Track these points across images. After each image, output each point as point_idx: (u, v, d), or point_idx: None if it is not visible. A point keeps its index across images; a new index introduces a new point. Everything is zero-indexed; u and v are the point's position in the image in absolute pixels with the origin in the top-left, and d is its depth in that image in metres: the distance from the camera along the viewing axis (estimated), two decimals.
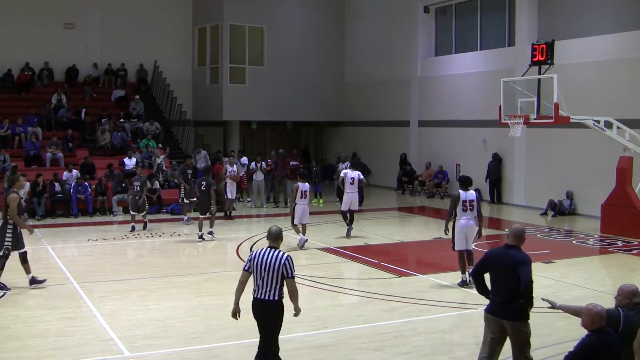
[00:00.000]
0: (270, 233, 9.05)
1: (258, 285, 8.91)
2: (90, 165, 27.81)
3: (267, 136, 41.99)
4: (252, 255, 9.00)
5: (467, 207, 15.12)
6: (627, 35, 25.14)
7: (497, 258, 9.12)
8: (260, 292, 8.91)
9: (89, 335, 11.46)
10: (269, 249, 8.95)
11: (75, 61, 35.03)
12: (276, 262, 8.78)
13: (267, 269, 8.79)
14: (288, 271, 8.81)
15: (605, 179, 23.39)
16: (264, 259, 8.84)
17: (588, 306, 7.84)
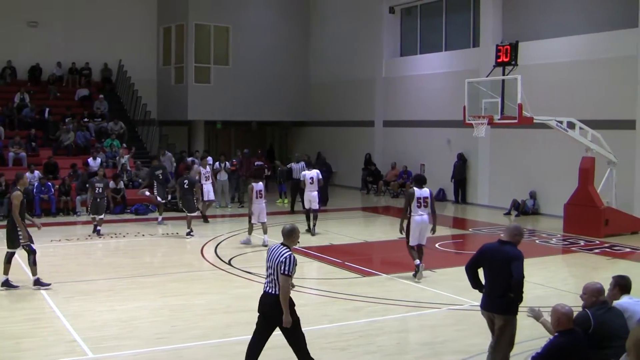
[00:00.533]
0: (283, 230, 9.20)
1: (266, 278, 9.11)
2: (54, 165, 27.58)
3: (232, 136, 41.92)
4: (267, 250, 9.27)
5: (422, 204, 15.59)
6: (589, 37, 25.41)
7: (491, 253, 9.25)
8: (267, 285, 9.07)
9: (53, 337, 11.37)
10: (279, 245, 9.11)
11: (39, 60, 34.71)
12: (278, 258, 8.90)
13: (271, 264, 8.97)
14: (283, 268, 8.82)
15: (568, 179, 23.61)
16: (272, 254, 9.04)
17: (556, 306, 7.88)
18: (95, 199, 21.93)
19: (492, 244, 9.35)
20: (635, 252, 19.94)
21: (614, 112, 24.22)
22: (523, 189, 27.06)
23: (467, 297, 14.05)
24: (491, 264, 9.18)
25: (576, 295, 13.43)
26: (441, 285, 15.28)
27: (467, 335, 11.61)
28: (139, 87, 35.04)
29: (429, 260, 18.19)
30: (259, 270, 16.51)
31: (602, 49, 24.86)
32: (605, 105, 24.52)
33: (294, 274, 8.87)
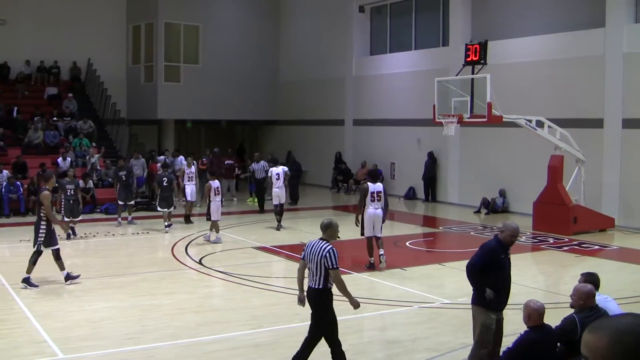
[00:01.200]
0: (321, 225, 9.47)
1: (309, 273, 9.31)
2: (23, 165, 27.36)
3: (202, 135, 41.80)
4: (306, 245, 9.43)
5: (375, 198, 16.53)
6: (557, 37, 25.61)
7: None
8: (310, 280, 9.28)
9: (22, 338, 11.30)
10: (318, 239, 9.31)
11: (7, 58, 34.38)
12: (320, 253, 9.09)
13: (313, 259, 9.15)
14: (329, 262, 9.06)
15: (537, 177, 23.78)
16: (312, 249, 9.22)
17: (528, 302, 7.97)
18: (68, 200, 20.95)
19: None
20: (604, 249, 20.14)
21: (582, 111, 24.44)
22: (492, 187, 27.22)
23: (438, 295, 14.14)
24: None
25: (545, 293, 13.59)
26: (412, 283, 15.35)
27: (438, 333, 11.67)
28: (109, 85, 34.82)
29: (400, 259, 18.30)
30: (230, 270, 16.51)
31: (570, 49, 25.06)
32: (573, 104, 24.73)
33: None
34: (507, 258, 9.26)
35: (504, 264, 9.18)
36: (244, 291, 14.65)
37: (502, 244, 9.17)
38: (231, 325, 12.09)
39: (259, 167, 26.78)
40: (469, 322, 12.33)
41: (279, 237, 21.38)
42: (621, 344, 2.71)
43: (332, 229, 9.40)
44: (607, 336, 2.76)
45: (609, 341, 2.74)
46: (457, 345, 10.96)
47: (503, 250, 9.18)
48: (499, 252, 9.17)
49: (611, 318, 2.87)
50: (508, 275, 9.29)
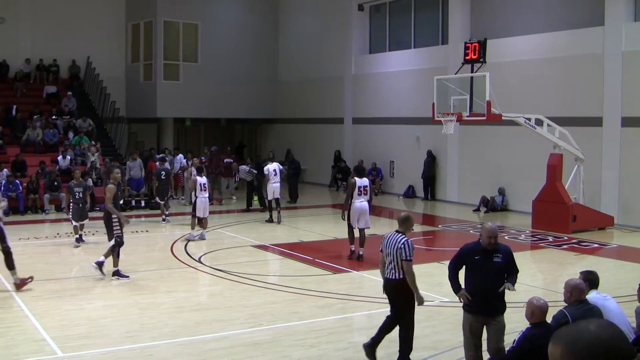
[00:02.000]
0: (398, 218, 10.01)
1: (387, 265, 9.81)
2: (22, 163, 27.36)
3: (201, 133, 41.78)
4: (383, 238, 9.98)
5: (362, 192, 17.33)
6: (557, 35, 25.60)
7: None
8: (388, 272, 9.80)
9: (21, 336, 11.29)
10: (394, 232, 9.84)
11: (6, 56, 34.39)
12: (396, 245, 9.60)
13: (390, 251, 9.66)
14: (404, 254, 9.54)
15: (536, 176, 23.78)
16: (389, 242, 9.75)
17: (531, 299, 7.99)
18: (77, 204, 20.03)
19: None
20: (603, 247, 20.14)
21: (581, 109, 24.44)
22: (492, 186, 27.22)
23: (437, 294, 14.13)
24: None
25: (545, 291, 13.60)
26: None
27: (437, 332, 11.66)
28: (108, 84, 34.81)
29: None
30: (229, 268, 16.51)
31: (569, 47, 25.05)
32: (572, 103, 24.73)
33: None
34: (490, 261, 8.90)
35: (478, 267, 8.95)
36: (243, 289, 14.64)
37: (482, 246, 8.98)
38: (230, 323, 12.08)
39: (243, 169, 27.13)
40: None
41: (278, 235, 21.38)
42: (573, 353, 2.82)
43: (409, 222, 9.93)
44: (561, 345, 2.87)
45: (562, 351, 2.85)
46: (455, 343, 10.94)
47: (482, 253, 8.95)
48: (473, 253, 9.02)
49: (571, 326, 2.95)
50: (486, 279, 8.91)
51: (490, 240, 8.92)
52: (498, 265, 8.94)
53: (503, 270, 8.97)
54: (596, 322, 2.92)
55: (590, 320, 2.97)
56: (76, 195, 20.10)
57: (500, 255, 8.96)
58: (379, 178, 32.66)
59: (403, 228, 9.85)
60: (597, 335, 2.84)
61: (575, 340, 2.85)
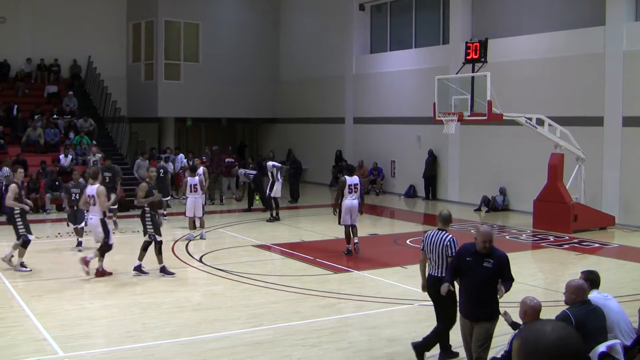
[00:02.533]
0: (440, 216, 10.33)
1: (430, 263, 10.07)
2: (23, 163, 27.32)
3: (202, 133, 41.77)
4: (424, 237, 10.21)
5: (352, 190, 17.80)
6: (557, 35, 25.60)
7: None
8: (432, 269, 10.02)
9: (22, 336, 11.28)
10: (437, 230, 10.10)
11: (7, 56, 34.39)
12: (441, 243, 9.86)
13: (434, 249, 9.90)
14: (450, 251, 9.79)
15: (537, 175, 23.78)
16: (432, 240, 9.98)
17: (524, 299, 7.99)
18: (73, 207, 19.17)
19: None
20: (604, 247, 20.14)
21: (582, 109, 24.45)
22: (493, 185, 27.22)
23: None
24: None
25: (545, 291, 13.59)
26: (412, 281, 15.31)
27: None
28: (109, 83, 34.79)
29: (401, 257, 18.32)
30: (230, 267, 16.51)
31: (570, 47, 25.05)
32: (573, 102, 24.73)
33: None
34: (479, 265, 8.78)
35: (467, 268, 8.89)
36: (244, 289, 14.64)
37: (476, 249, 8.90)
38: (231, 323, 12.09)
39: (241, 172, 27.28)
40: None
41: (279, 234, 21.38)
42: (523, 349, 3.07)
43: (450, 220, 10.38)
44: (519, 341, 3.11)
45: (518, 346, 3.09)
46: (456, 343, 10.94)
47: (474, 255, 8.86)
48: (466, 254, 8.98)
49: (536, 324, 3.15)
50: (472, 283, 8.87)
51: (485, 244, 8.81)
52: (486, 271, 8.77)
53: (492, 276, 8.78)
54: (553, 324, 3.11)
55: (549, 322, 3.17)
56: (73, 197, 19.27)
57: (491, 261, 8.79)
58: (380, 178, 32.67)
59: (446, 226, 10.18)
60: (546, 336, 3.04)
61: (527, 338, 3.08)
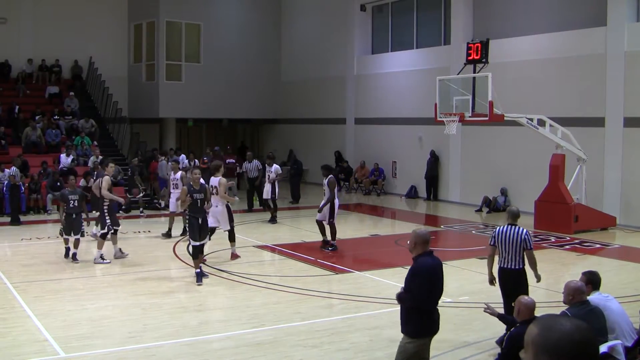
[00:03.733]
0: (511, 212, 11.01)
1: (503, 257, 10.73)
2: (24, 163, 27.37)
3: (203, 133, 41.77)
4: (496, 232, 10.86)
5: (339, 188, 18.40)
6: (559, 35, 25.59)
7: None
8: (505, 263, 10.73)
9: (23, 336, 11.29)
10: (509, 226, 10.77)
11: (8, 57, 34.39)
12: (517, 237, 10.64)
13: (510, 243, 10.60)
14: (527, 244, 10.72)
15: (539, 176, 23.79)
16: (507, 235, 10.67)
17: (518, 298, 8.03)
18: (70, 214, 17.50)
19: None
20: (605, 248, 20.13)
21: (583, 110, 24.44)
22: (494, 186, 27.22)
23: None
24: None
25: (546, 291, 13.58)
26: None
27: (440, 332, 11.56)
28: (110, 84, 34.80)
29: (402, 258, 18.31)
30: (231, 268, 16.51)
31: (571, 47, 25.05)
32: (575, 103, 24.73)
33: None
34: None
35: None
36: (246, 290, 14.65)
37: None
38: (232, 323, 12.09)
39: (252, 166, 26.85)
40: (470, 320, 12.38)
41: (280, 235, 21.37)
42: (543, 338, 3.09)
43: (519, 216, 11.06)
44: (538, 328, 3.14)
45: (537, 333, 3.12)
46: (458, 344, 10.96)
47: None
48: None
49: (554, 316, 3.24)
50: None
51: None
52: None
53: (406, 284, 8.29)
54: (575, 322, 3.11)
55: (570, 318, 3.17)
56: (71, 204, 17.52)
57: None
58: (381, 178, 32.67)
59: (516, 221, 10.85)
60: (570, 332, 3.05)
61: (550, 327, 3.10)
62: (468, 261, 17.71)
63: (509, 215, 11.01)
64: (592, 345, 3.06)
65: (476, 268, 16.60)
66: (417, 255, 8.19)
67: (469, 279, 15.79)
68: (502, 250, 10.71)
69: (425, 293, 8.02)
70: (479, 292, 14.39)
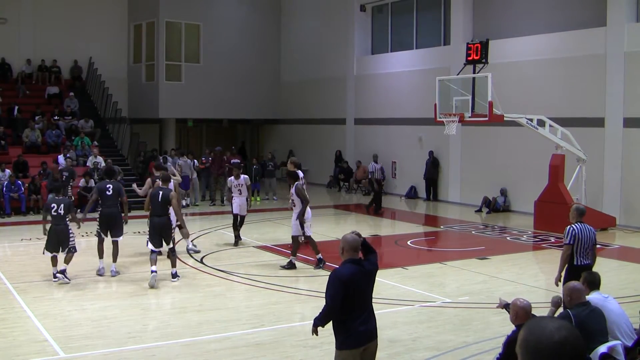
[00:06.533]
0: (580, 210, 11.62)
1: (579, 254, 11.13)
2: (24, 164, 27.38)
3: (203, 134, 41.77)
4: (573, 232, 11.27)
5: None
6: (559, 36, 25.60)
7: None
8: (579, 260, 11.11)
9: (23, 337, 11.29)
10: (581, 224, 11.36)
11: (8, 57, 34.41)
12: (591, 234, 11.25)
13: (587, 240, 11.15)
14: (595, 240, 11.35)
15: (538, 176, 23.79)
16: (583, 233, 11.19)
17: (514, 301, 7.98)
18: (55, 226, 15.24)
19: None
20: (605, 248, 20.11)
21: (583, 110, 24.44)
22: (494, 186, 27.22)
23: (439, 294, 14.14)
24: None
25: (546, 292, 13.58)
26: (413, 282, 15.35)
27: (440, 332, 11.67)
28: (110, 84, 34.81)
29: (402, 258, 18.33)
30: (231, 269, 16.51)
31: (571, 48, 25.05)
32: (574, 103, 24.73)
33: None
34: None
35: None
36: (245, 290, 14.66)
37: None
38: (232, 324, 12.09)
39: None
40: (470, 321, 12.39)
41: (280, 236, 21.35)
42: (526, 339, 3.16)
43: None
44: (524, 330, 3.21)
45: (522, 337, 3.19)
46: (458, 344, 10.96)
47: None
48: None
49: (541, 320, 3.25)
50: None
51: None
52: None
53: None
54: (558, 323, 3.18)
55: (555, 319, 3.25)
56: (52, 211, 15.27)
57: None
58: (381, 179, 32.66)
59: (582, 218, 11.38)
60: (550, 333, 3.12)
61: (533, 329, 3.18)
62: (468, 261, 17.72)
63: (578, 213, 11.51)
64: (573, 345, 3.11)
65: (476, 268, 16.61)
66: (343, 262, 7.69)
67: (469, 280, 15.79)
68: (579, 247, 11.13)
69: (337, 302, 7.45)
70: (478, 293, 14.41)
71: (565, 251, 11.25)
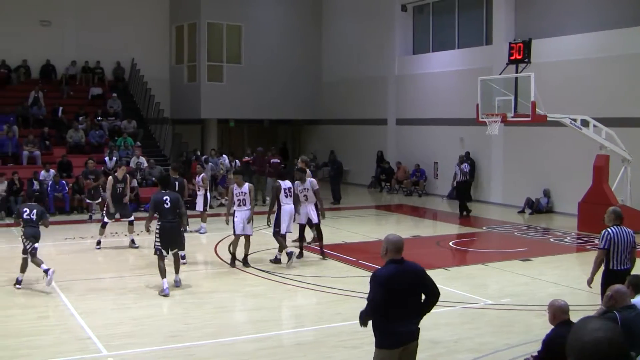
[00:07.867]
0: (617, 213, 11.26)
1: (615, 258, 10.88)
2: (68, 164, 27.67)
3: (245, 134, 41.91)
4: (610, 236, 10.90)
5: (288, 194, 17.29)
6: (602, 35, 25.29)
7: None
8: (616, 264, 10.86)
9: (66, 334, 11.40)
10: (619, 227, 10.99)
11: (52, 58, 34.82)
12: (629, 237, 10.96)
13: (625, 243, 10.88)
14: (635, 242, 11.12)
15: (582, 177, 23.51)
16: (622, 236, 10.90)
17: (551, 302, 7.88)
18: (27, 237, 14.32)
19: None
20: None
21: (627, 110, 24.12)
22: (537, 187, 26.98)
23: (481, 296, 14.04)
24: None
25: (589, 294, 13.41)
26: (455, 283, 15.25)
27: (481, 334, 11.58)
28: (152, 85, 35.09)
29: (443, 259, 18.24)
30: (271, 269, 16.53)
31: (615, 46, 24.75)
32: (618, 103, 24.42)
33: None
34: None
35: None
36: (286, 290, 14.66)
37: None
38: (273, 324, 12.10)
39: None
40: (512, 323, 12.28)
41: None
42: (569, 341, 3.23)
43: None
44: (571, 333, 3.27)
45: (570, 339, 3.25)
46: (499, 346, 10.87)
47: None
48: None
49: (588, 319, 3.32)
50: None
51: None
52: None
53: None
54: (599, 324, 3.21)
55: (599, 319, 3.30)
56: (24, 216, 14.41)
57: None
58: (422, 179, 32.55)
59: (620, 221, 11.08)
60: (590, 333, 3.18)
61: (576, 329, 3.26)
62: (510, 263, 17.57)
63: (615, 215, 11.18)
64: (613, 344, 3.11)
65: (518, 270, 16.48)
66: (386, 262, 7.61)
67: (511, 281, 15.67)
68: (615, 251, 10.86)
69: (377, 302, 7.41)
70: (520, 294, 14.29)
71: (599, 256, 11.02)
